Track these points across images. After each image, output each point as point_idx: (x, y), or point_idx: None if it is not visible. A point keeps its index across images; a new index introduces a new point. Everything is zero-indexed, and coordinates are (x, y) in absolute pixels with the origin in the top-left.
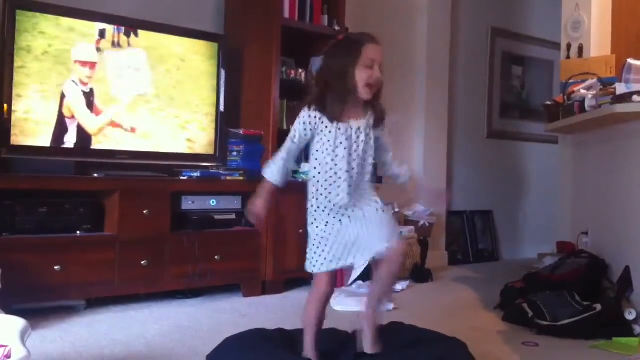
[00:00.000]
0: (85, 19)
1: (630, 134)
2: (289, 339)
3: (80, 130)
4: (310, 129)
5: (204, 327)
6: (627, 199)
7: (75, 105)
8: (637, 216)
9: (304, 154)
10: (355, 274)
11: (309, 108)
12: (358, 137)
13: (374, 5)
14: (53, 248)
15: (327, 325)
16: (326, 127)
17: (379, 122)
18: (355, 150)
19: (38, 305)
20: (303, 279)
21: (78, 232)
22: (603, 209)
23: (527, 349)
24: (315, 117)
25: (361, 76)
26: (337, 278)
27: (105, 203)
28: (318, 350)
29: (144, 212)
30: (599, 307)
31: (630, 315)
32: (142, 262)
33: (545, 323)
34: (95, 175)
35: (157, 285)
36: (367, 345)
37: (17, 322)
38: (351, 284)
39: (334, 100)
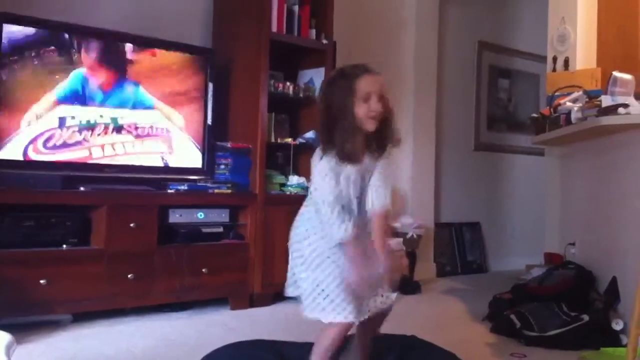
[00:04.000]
0: (72, 32)
1: (616, 145)
2: (272, 350)
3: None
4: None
5: (192, 341)
6: (614, 210)
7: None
8: (623, 227)
9: (291, 168)
10: None
11: (325, 154)
12: (365, 174)
13: (362, 19)
14: (39, 262)
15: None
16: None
17: (381, 152)
18: (362, 188)
19: (24, 319)
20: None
21: (64, 246)
22: (590, 220)
23: None
24: (333, 161)
25: (361, 110)
26: None
27: (92, 217)
28: None
29: (131, 225)
30: (586, 317)
31: (617, 326)
32: (129, 276)
33: (533, 334)
34: (82, 189)
35: (144, 298)
36: None
37: (2, 337)
38: None
39: (345, 137)
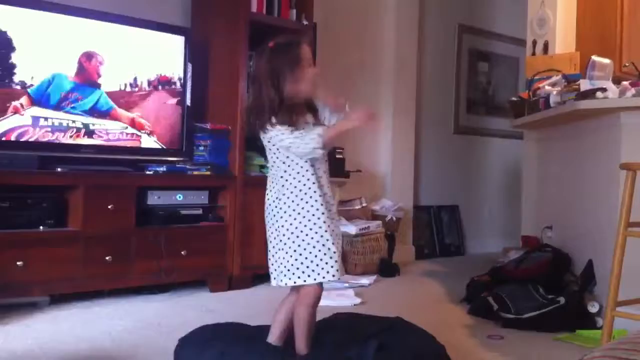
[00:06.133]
0: (44, 10)
1: (594, 129)
2: (250, 331)
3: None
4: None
5: (170, 323)
6: (590, 194)
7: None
8: (599, 211)
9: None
10: None
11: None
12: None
13: (343, 0)
14: (15, 244)
15: None
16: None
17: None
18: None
19: (0, 301)
20: (269, 274)
21: (41, 228)
22: (566, 204)
23: (493, 342)
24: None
25: (308, 75)
26: None
27: (69, 198)
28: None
29: (109, 207)
30: (562, 300)
31: (593, 308)
32: (107, 258)
33: (510, 316)
34: (59, 169)
35: (122, 281)
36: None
37: None
38: None
39: (288, 106)
